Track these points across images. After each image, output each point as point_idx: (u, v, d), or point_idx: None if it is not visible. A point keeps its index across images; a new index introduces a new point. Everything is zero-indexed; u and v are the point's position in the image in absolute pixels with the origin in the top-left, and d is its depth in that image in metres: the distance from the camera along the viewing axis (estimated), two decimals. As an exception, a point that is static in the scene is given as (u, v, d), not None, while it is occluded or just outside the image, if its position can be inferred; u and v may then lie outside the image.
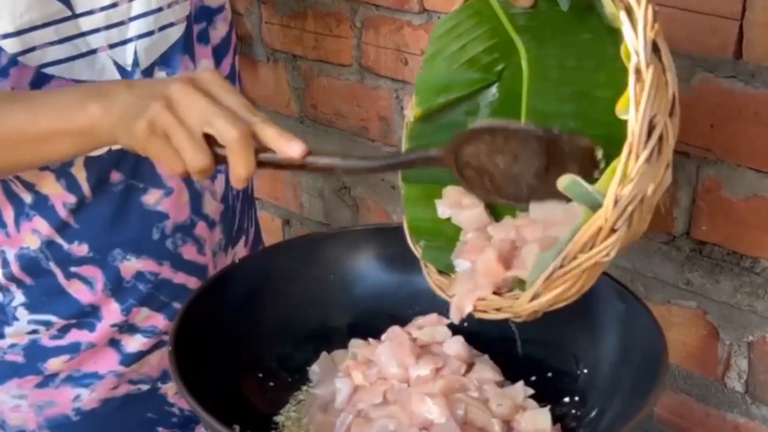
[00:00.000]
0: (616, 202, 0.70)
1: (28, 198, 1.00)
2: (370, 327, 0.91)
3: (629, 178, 0.69)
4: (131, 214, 1.04)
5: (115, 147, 0.95)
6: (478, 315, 0.80)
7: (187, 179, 1.03)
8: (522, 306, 0.75)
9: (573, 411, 0.82)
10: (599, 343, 0.83)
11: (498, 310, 0.78)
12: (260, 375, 0.89)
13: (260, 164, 0.76)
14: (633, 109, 0.68)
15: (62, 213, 1.01)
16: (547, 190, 0.77)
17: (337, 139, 1.60)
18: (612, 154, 0.71)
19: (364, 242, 0.95)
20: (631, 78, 0.69)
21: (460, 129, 0.78)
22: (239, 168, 0.75)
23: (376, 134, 1.53)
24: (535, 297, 0.74)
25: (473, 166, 0.77)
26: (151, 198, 1.05)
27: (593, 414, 0.78)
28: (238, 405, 0.82)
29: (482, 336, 0.92)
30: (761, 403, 1.16)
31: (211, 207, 1.10)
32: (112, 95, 0.79)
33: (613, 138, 0.71)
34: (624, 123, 0.70)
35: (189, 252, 1.08)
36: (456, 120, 0.92)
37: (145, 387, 1.13)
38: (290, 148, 0.75)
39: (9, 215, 1.01)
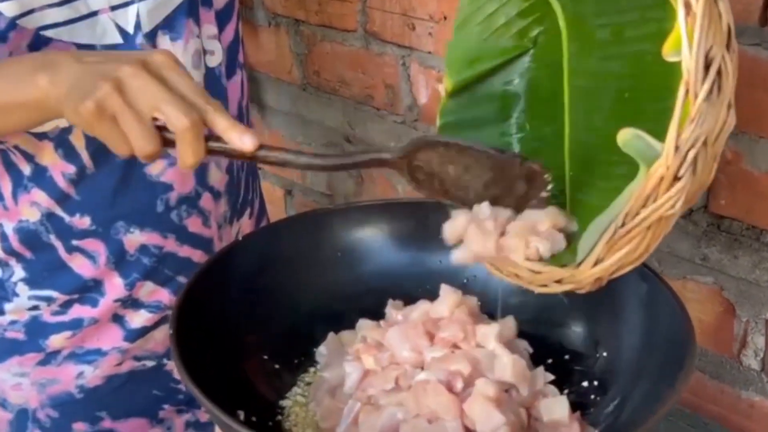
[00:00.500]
0: (677, 147, 0.65)
1: (26, 169, 0.97)
2: (379, 307, 0.88)
3: (689, 118, 0.65)
4: (134, 184, 1.01)
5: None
6: (538, 290, 0.76)
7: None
8: (584, 274, 0.71)
9: (592, 396, 0.79)
10: (619, 325, 0.80)
11: (559, 282, 0.74)
12: (265, 357, 0.85)
13: (210, 152, 0.74)
14: (686, 44, 0.63)
15: (62, 184, 0.98)
16: (493, 196, 0.78)
17: (341, 107, 1.56)
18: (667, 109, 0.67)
19: (372, 218, 0.92)
20: (681, 11, 0.64)
21: (497, 103, 0.76)
22: (187, 156, 0.73)
23: (382, 102, 1.49)
24: (597, 262, 0.70)
25: (424, 170, 0.78)
26: (155, 168, 1.02)
27: (616, 402, 0.75)
28: (243, 389, 0.79)
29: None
30: (778, 381, 1.14)
31: (216, 177, 1.08)
32: (60, 67, 0.76)
33: (666, 91, 0.68)
34: (676, 71, 0.65)
35: (194, 224, 1.06)
36: (492, 92, 0.88)
37: (150, 363, 1.11)
38: (241, 140, 0.74)
39: (6, 187, 0.98)
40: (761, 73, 1.02)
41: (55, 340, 1.05)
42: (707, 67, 0.65)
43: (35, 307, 1.04)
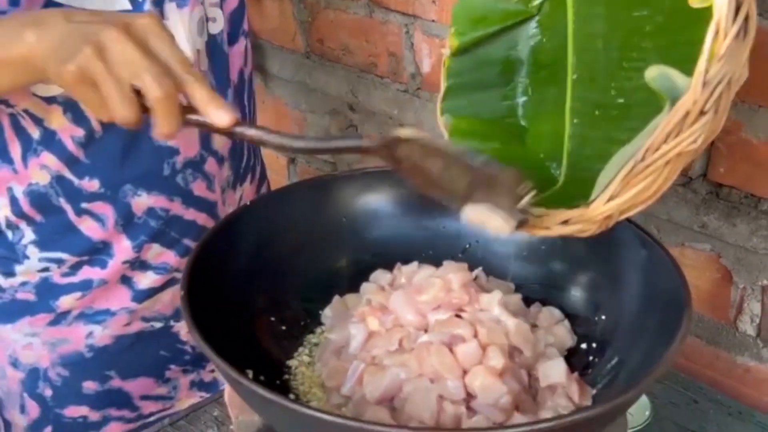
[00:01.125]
0: (705, 83, 0.67)
1: (35, 133, 0.99)
2: (383, 267, 0.89)
3: (718, 56, 0.67)
4: (142, 148, 1.02)
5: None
6: (540, 233, 0.75)
7: None
8: (596, 211, 0.71)
9: (590, 358, 0.81)
10: (618, 290, 0.81)
11: (565, 222, 0.74)
12: (272, 319, 0.87)
13: (187, 123, 0.74)
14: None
15: (71, 147, 0.99)
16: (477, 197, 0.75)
17: (344, 75, 1.57)
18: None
19: (375, 185, 0.92)
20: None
21: (500, 67, 0.76)
22: (162, 126, 0.73)
23: (385, 70, 1.50)
24: (612, 198, 0.72)
25: (408, 164, 0.76)
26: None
27: (613, 363, 0.77)
28: (251, 349, 0.81)
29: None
30: (773, 346, 1.16)
31: (221, 143, 1.09)
32: (48, 25, 0.77)
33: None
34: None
35: (199, 188, 1.07)
36: (496, 56, 0.89)
37: (158, 325, 1.13)
38: (218, 115, 0.73)
39: (16, 151, 0.99)
40: (759, 42, 1.03)
41: (65, 301, 1.07)
42: (737, 9, 0.67)
43: (45, 269, 1.05)
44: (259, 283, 0.85)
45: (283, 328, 0.87)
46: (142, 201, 1.05)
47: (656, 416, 1.09)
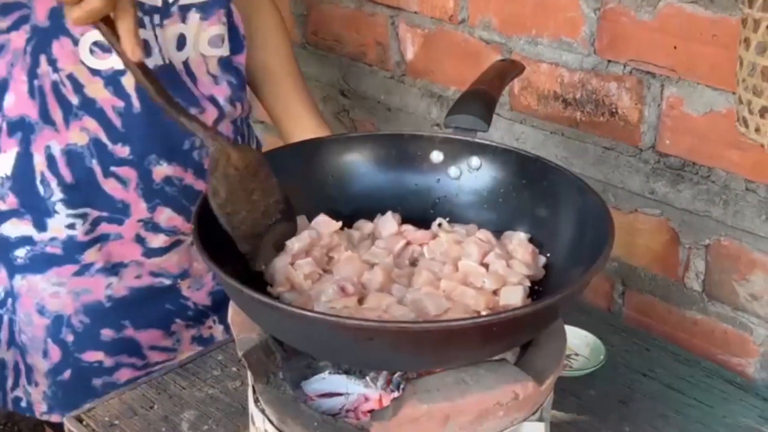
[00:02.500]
0: None
1: (74, 99, 1.13)
2: (365, 219, 1.01)
3: None
4: (171, 126, 1.16)
5: (158, 62, 1.13)
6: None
7: (217, 106, 1.21)
8: None
9: (536, 288, 0.94)
10: (560, 226, 0.95)
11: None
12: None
13: (99, 29, 0.91)
14: None
15: (110, 115, 1.14)
16: None
17: (337, 64, 1.70)
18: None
19: (357, 147, 1.05)
20: None
21: None
22: (73, 14, 0.89)
23: (374, 59, 1.63)
24: None
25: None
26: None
27: (554, 287, 0.91)
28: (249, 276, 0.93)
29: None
30: (716, 300, 1.29)
31: (225, 126, 1.24)
32: None
33: None
34: None
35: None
36: None
37: (166, 282, 1.27)
38: (133, 50, 0.90)
39: (58, 115, 1.13)
40: (698, 27, 1.18)
41: (89, 254, 1.20)
42: None
43: (72, 226, 1.19)
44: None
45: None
46: (162, 170, 1.19)
47: (610, 361, 1.23)
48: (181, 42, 1.18)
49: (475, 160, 1.04)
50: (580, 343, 1.25)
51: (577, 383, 1.19)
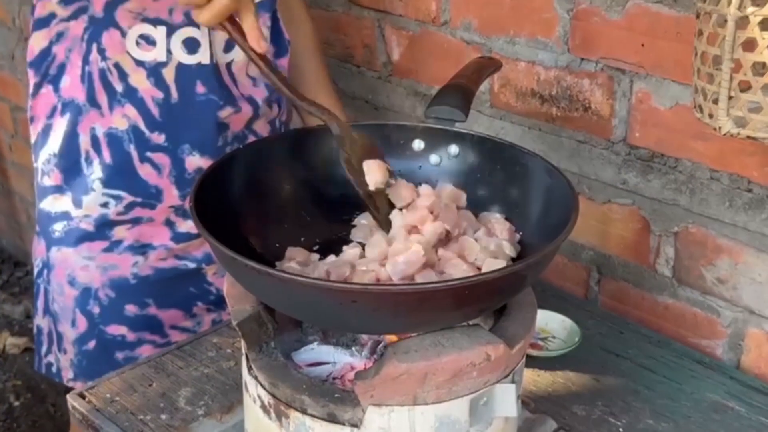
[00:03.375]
0: None
1: (119, 87, 1.21)
2: (351, 203, 1.06)
3: None
4: (207, 121, 1.24)
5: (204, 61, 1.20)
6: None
7: (254, 106, 1.27)
8: None
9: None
10: (530, 205, 1.01)
11: None
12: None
13: (224, 29, 0.94)
14: None
15: (150, 104, 1.22)
16: None
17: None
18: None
19: None
20: None
21: None
22: (202, 16, 0.92)
23: (361, 60, 1.70)
24: None
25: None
26: (224, 113, 1.26)
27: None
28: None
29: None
30: (686, 285, 1.36)
31: (260, 125, 1.32)
32: None
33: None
34: None
35: None
36: None
37: (191, 265, 1.34)
38: (257, 42, 0.93)
39: (103, 99, 1.22)
40: (663, 25, 1.25)
41: (119, 231, 1.28)
42: None
43: (105, 204, 1.26)
44: (252, 210, 1.04)
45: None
46: (194, 160, 1.27)
47: (585, 343, 1.29)
48: (230, 44, 1.25)
49: (453, 148, 1.10)
50: (557, 326, 1.32)
51: (553, 362, 1.25)
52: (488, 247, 0.98)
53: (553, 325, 1.32)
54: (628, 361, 1.28)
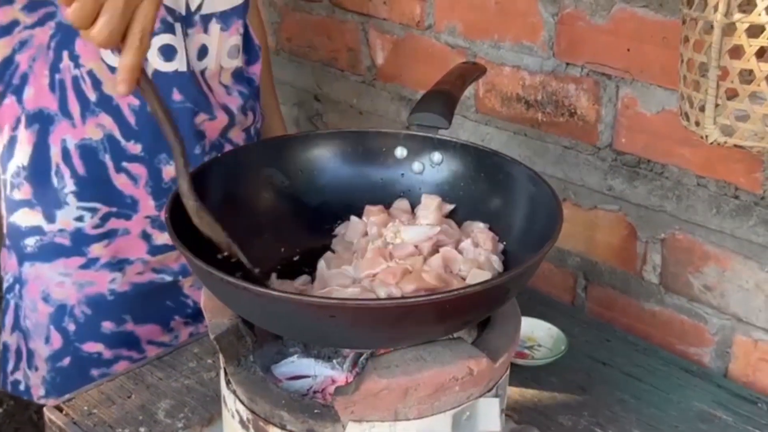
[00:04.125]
0: None
1: (92, 96, 1.18)
2: (332, 212, 1.06)
3: None
4: (183, 129, 1.19)
5: (181, 68, 1.17)
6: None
7: (229, 115, 1.26)
8: None
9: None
10: (514, 214, 0.99)
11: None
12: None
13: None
14: None
15: (126, 112, 1.19)
16: None
17: (310, 69, 1.75)
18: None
19: (325, 144, 1.09)
20: None
21: None
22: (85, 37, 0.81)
23: (345, 64, 1.68)
24: None
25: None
26: (199, 119, 1.23)
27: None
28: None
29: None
30: (673, 292, 1.34)
31: (235, 133, 1.29)
32: None
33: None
34: None
35: None
36: None
37: (168, 278, 1.31)
38: (114, 87, 0.86)
39: (75, 110, 1.18)
40: (649, 30, 1.23)
41: (95, 248, 1.25)
42: None
43: (80, 218, 1.23)
44: (230, 223, 1.01)
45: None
46: (171, 169, 1.24)
47: (572, 351, 1.27)
48: (203, 52, 1.23)
49: (436, 156, 1.08)
50: (543, 334, 1.30)
51: (539, 371, 1.24)
52: (477, 258, 0.96)
53: (539, 333, 1.30)
54: (615, 369, 1.27)
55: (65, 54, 1.17)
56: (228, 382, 0.93)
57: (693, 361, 1.32)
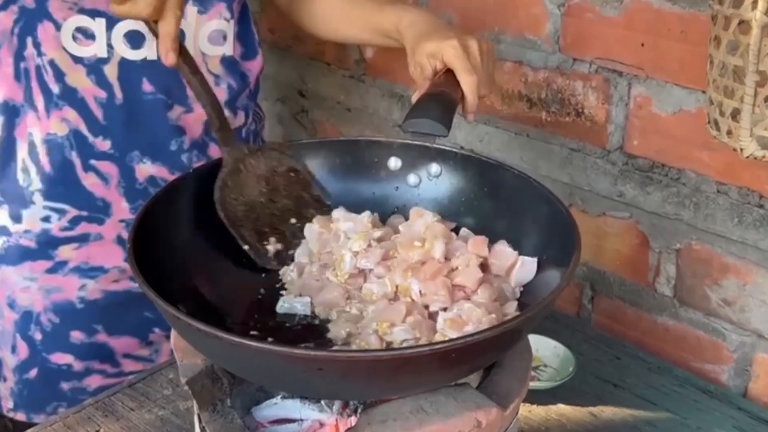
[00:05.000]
0: None
1: (56, 88, 1.09)
2: None
3: None
4: (156, 124, 1.12)
5: (151, 56, 1.10)
6: None
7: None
8: None
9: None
10: (524, 239, 0.89)
11: None
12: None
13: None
14: None
15: (92, 106, 1.10)
16: None
17: (294, 63, 1.65)
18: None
19: (310, 154, 1.00)
20: None
21: None
22: (116, 10, 0.90)
23: (332, 57, 1.58)
24: None
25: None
26: (174, 114, 1.14)
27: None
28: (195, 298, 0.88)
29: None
30: (688, 306, 1.25)
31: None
32: None
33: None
34: None
35: None
36: None
37: None
38: (163, 54, 0.90)
39: (40, 102, 1.09)
40: (665, 23, 1.14)
41: (63, 251, 1.16)
42: None
43: (47, 219, 1.14)
44: (205, 240, 0.91)
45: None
46: (145, 168, 1.14)
47: (580, 371, 1.18)
48: (180, 37, 1.12)
49: (434, 167, 0.99)
50: (549, 354, 1.21)
51: (545, 395, 1.15)
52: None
53: (544, 353, 1.21)
54: (627, 391, 1.18)
55: (29, 41, 1.07)
56: (203, 430, 0.83)
57: (709, 379, 1.23)
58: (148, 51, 1.10)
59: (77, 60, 1.08)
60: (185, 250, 0.88)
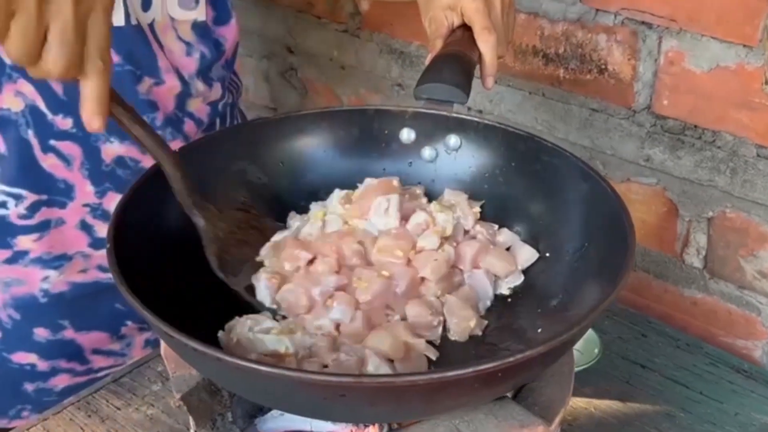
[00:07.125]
0: None
1: (8, 59, 0.96)
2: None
3: None
4: (125, 97, 1.00)
5: (118, 22, 0.96)
6: None
7: (182, 81, 1.05)
8: None
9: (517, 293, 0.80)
10: (561, 226, 0.80)
11: None
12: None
13: None
14: None
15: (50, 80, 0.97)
16: None
17: (281, 17, 1.54)
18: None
19: (312, 127, 0.89)
20: None
21: None
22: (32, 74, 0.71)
23: (323, 10, 1.47)
24: None
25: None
26: (143, 86, 1.03)
27: (557, 300, 0.76)
28: (184, 305, 0.78)
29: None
30: (719, 278, 1.17)
31: (195, 106, 1.09)
32: None
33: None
34: None
35: (177, 147, 1.06)
36: None
37: None
38: (86, 119, 0.72)
39: None
40: (704, -31, 1.03)
41: (23, 241, 1.06)
42: None
43: (3, 204, 1.03)
44: (189, 236, 0.81)
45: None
46: (112, 148, 1.03)
47: (605, 352, 1.10)
48: (147, 1, 1.01)
49: (453, 139, 0.89)
50: (571, 333, 1.12)
51: (570, 381, 1.06)
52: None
53: (566, 333, 1.12)
54: (657, 373, 1.10)
55: None
56: (201, 449, 0.73)
57: (741, 355, 1.15)
58: (114, 17, 0.97)
59: None
60: (173, 245, 0.77)
